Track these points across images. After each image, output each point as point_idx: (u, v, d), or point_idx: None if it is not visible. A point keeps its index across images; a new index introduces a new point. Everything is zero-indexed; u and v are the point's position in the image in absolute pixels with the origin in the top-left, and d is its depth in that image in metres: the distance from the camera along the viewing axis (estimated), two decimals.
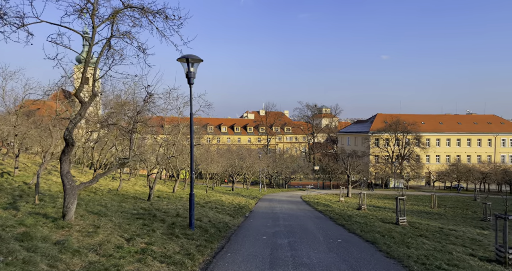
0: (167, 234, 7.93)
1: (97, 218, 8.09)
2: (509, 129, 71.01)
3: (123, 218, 8.79)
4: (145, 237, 7.06)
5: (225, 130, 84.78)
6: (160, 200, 14.96)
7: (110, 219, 8.22)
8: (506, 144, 69.91)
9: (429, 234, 13.32)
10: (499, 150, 69.45)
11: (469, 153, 68.96)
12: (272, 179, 58.26)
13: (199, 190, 28.00)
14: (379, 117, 71.17)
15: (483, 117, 75.65)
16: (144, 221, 8.98)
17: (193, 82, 8.99)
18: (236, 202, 20.15)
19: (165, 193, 20.13)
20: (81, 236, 6.16)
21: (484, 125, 71.52)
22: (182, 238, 7.85)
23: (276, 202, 25.07)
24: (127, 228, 7.63)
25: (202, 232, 8.96)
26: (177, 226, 9.12)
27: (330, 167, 52.59)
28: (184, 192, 23.60)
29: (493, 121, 73.05)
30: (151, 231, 7.85)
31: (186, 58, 8.60)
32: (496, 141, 69.24)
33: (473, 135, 69.12)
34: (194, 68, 8.95)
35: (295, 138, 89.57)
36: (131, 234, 7.10)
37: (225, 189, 38.94)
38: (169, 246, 6.78)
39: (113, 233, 6.90)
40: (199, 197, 19.86)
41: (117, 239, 6.50)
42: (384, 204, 34.22)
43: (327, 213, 16.57)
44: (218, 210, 14.70)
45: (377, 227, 12.66)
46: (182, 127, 16.81)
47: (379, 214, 21.45)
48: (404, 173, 58.60)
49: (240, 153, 38.87)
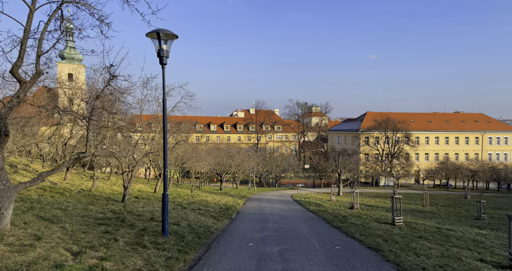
0: (132, 244, 6.52)
1: (45, 225, 6.61)
2: (496, 127, 71.83)
3: (81, 225, 7.32)
4: (100, 250, 5.63)
5: (214, 129, 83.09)
6: (136, 201, 13.48)
7: (62, 226, 6.75)
8: (493, 142, 70.67)
9: (429, 236, 12.32)
10: (486, 148, 70.12)
11: (457, 151, 69.43)
12: (262, 178, 57.02)
13: (184, 189, 26.44)
14: (369, 115, 70.92)
15: (470, 115, 76.38)
16: (108, 227, 7.53)
17: (166, 62, 7.58)
18: (222, 202, 18.77)
19: (146, 193, 18.61)
20: (9, 252, 4.70)
21: (472, 123, 72.18)
22: (150, 248, 6.47)
23: (265, 201, 23.74)
24: (81, 238, 6.18)
25: (177, 240, 7.58)
26: (148, 232, 7.71)
27: (320, 165, 51.72)
28: (168, 192, 22.18)
29: (480, 120, 73.79)
30: (112, 240, 6.42)
31: (156, 32, 7.19)
32: (483, 139, 69.89)
33: (461, 133, 69.61)
34: (167, 45, 7.54)
35: (285, 137, 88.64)
36: (82, 246, 5.67)
37: (213, 188, 37.43)
38: (130, 261, 5.40)
39: (58, 245, 5.45)
40: (182, 197, 18.41)
41: (60, 254, 5.07)
42: (376, 202, 33.40)
43: (320, 214, 15.36)
44: (202, 211, 13.30)
45: (375, 229, 11.54)
46: (161, 122, 15.26)
47: (373, 214, 20.45)
48: (394, 171, 58.31)
49: (228, 151, 37.36)
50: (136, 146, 14.09)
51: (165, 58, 7.53)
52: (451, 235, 12.82)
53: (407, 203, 32.86)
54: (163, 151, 7.69)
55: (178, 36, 7.53)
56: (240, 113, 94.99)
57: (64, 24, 6.51)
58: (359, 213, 19.60)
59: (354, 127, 69.56)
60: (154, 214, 10.42)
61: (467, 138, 69.69)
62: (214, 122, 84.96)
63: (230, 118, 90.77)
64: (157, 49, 7.46)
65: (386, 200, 35.27)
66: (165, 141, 7.70)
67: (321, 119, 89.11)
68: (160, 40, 7.36)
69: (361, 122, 68.77)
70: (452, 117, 75.36)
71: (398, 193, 38.22)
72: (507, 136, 70.44)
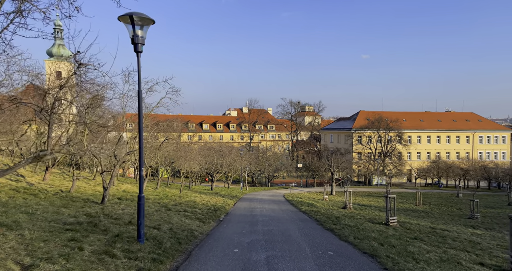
0: (100, 253, 5.78)
1: (1, 232, 5.82)
2: (486, 126, 72.50)
3: (45, 231, 6.53)
4: (58, 262, 4.88)
5: (207, 128, 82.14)
6: (118, 203, 12.65)
7: (21, 234, 5.96)
8: (483, 141, 71.32)
9: (424, 236, 11.82)
10: (477, 146, 70.71)
11: (448, 150, 69.88)
12: (254, 177, 56.35)
13: (173, 189, 25.58)
14: (362, 114, 70.86)
15: (461, 114, 76.97)
16: (76, 233, 6.75)
17: (141, 49, 6.82)
18: (211, 203, 18.00)
19: (132, 193, 17.70)
20: None
21: (463, 122, 72.74)
22: (120, 258, 5.73)
23: (257, 202, 23.05)
24: (39, 248, 5.41)
25: (154, 246, 6.85)
26: (122, 238, 6.95)
27: (313, 164, 51.29)
28: (155, 192, 21.24)
29: (471, 119, 74.41)
30: (76, 249, 5.66)
31: (130, 16, 6.43)
32: (474, 138, 70.46)
33: (452, 132, 70.06)
34: (142, 31, 6.79)
35: (278, 136, 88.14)
36: (38, 258, 4.90)
37: (204, 188, 36.60)
38: None
39: (8, 257, 4.68)
40: (169, 198, 17.57)
41: (7, 268, 4.30)
42: (369, 202, 33.04)
43: (312, 214, 14.73)
44: (187, 213, 12.56)
45: (369, 231, 10.97)
46: (145, 117, 14.43)
47: (366, 214, 19.95)
48: (387, 170, 58.25)
49: (220, 150, 36.54)
50: (119, 144, 13.26)
51: (140, 45, 6.78)
52: (446, 236, 12.33)
53: (400, 202, 32.57)
54: (138, 149, 6.93)
55: (154, 21, 6.78)
56: (233, 112, 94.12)
57: (26, 5, 5.72)
58: (352, 213, 19.08)
59: (347, 126, 69.43)
60: (133, 217, 9.63)
61: (458, 137, 70.18)
62: (207, 121, 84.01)
63: (223, 117, 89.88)
64: (131, 35, 6.70)
65: (379, 199, 34.97)
66: (141, 138, 6.95)
67: (314, 118, 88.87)
68: (134, 25, 6.61)
69: (354, 121, 68.66)
70: (444, 116, 75.83)
71: (391, 192, 37.85)
72: (497, 135, 71.14)
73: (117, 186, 20.58)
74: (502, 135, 71.64)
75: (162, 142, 20.18)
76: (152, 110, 12.41)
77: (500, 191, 47.08)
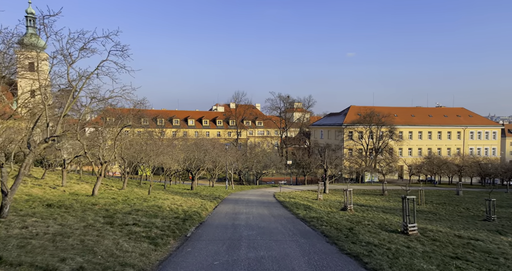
0: None
1: None
2: (477, 121, 71.82)
3: None
4: None
5: (192, 124, 78.42)
6: (29, 216, 8.76)
7: None
8: (474, 136, 70.63)
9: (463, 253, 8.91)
10: (468, 142, 69.91)
11: (439, 145, 68.83)
12: (241, 175, 53.25)
13: (144, 189, 22.10)
14: (352, 109, 68.86)
15: (452, 110, 76.11)
16: None
17: None
18: (184, 207, 14.46)
19: (79, 197, 14.02)
20: None
21: (454, 118, 71.82)
22: None
23: (243, 204, 19.87)
24: None
25: None
26: None
27: (304, 161, 48.60)
28: (117, 194, 17.36)
29: (462, 114, 73.62)
30: None
31: None
32: (465, 134, 69.61)
33: (443, 127, 69.02)
34: None
35: (267, 132, 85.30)
36: None
37: (183, 187, 33.17)
38: None
39: None
40: (128, 203, 13.84)
41: None
42: (366, 201, 30.53)
43: (315, 224, 11.36)
44: (137, 228, 8.96)
45: (403, 253, 7.90)
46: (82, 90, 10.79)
47: (371, 217, 17.18)
48: (379, 167, 56.27)
49: (201, 145, 33.08)
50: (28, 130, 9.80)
51: None
52: (487, 251, 9.61)
53: (400, 202, 30.18)
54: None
55: None
56: (219, 107, 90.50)
57: None
58: (356, 216, 16.30)
59: (338, 121, 67.29)
60: None
61: (450, 132, 69.20)
62: (192, 116, 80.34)
63: (209, 113, 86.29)
64: None
65: (376, 198, 32.55)
66: None
67: (304, 114, 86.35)
68: None
69: (344, 116, 66.60)
70: (435, 111, 74.75)
71: (386, 189, 34.25)
72: (488, 130, 70.49)
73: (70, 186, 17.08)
74: (492, 131, 71.09)
75: (119, 131, 16.66)
76: (89, 77, 8.92)
77: (496, 188, 45.57)
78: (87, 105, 12.24)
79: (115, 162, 36.73)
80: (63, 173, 17.06)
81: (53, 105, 15.40)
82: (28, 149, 7.66)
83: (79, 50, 8.36)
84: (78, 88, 8.76)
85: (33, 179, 17.96)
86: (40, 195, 12.83)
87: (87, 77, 8.85)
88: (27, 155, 7.49)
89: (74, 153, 19.62)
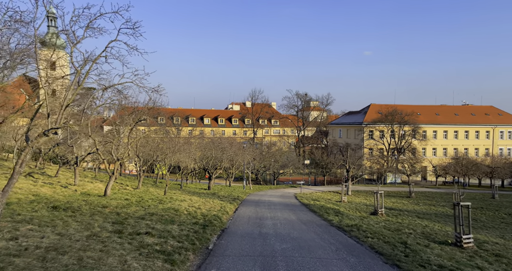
0: None
1: None
2: (507, 120, 67.64)
3: None
4: None
5: (208, 122, 77.90)
6: (27, 221, 7.63)
7: None
8: (504, 136, 66.61)
9: None
10: (497, 142, 65.96)
11: (466, 145, 65.22)
12: (258, 174, 51.87)
13: (160, 189, 21.01)
14: (373, 107, 66.27)
15: (480, 108, 72.01)
16: None
17: None
18: (203, 210, 13.21)
19: (90, 197, 12.97)
20: None
21: (482, 116, 67.90)
22: None
23: (265, 206, 18.45)
24: None
25: None
26: None
27: (323, 160, 46.69)
28: (131, 194, 16.20)
29: (491, 113, 69.52)
30: None
31: None
32: (494, 133, 65.65)
33: (470, 126, 65.36)
34: None
35: (283, 131, 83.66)
36: None
37: (201, 186, 32.13)
38: None
39: None
40: (141, 205, 12.53)
41: None
42: (394, 204, 28.47)
43: (356, 234, 9.89)
44: (150, 239, 7.39)
45: None
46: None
47: (407, 223, 15.44)
48: (402, 167, 53.59)
49: (219, 143, 31.89)
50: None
51: None
52: None
53: (431, 205, 28.04)
54: None
55: None
56: (235, 106, 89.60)
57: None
58: (391, 222, 14.61)
59: (358, 120, 64.91)
60: None
61: (477, 132, 65.45)
62: (208, 115, 79.78)
63: (225, 111, 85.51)
64: None
65: (403, 201, 30.45)
66: None
67: (322, 112, 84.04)
68: None
69: (364, 115, 64.17)
70: (461, 109, 70.93)
71: (413, 191, 31.77)
72: None
73: (82, 185, 16.15)
74: None
75: (133, 125, 15.50)
76: (96, 61, 7.70)
77: None
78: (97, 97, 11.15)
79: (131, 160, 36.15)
80: (75, 171, 16.22)
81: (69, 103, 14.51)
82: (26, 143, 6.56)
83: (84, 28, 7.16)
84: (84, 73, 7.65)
85: (46, 177, 17.22)
86: (49, 195, 11.88)
87: (93, 61, 7.67)
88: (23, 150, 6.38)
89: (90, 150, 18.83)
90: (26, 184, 13.32)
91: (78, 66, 7.69)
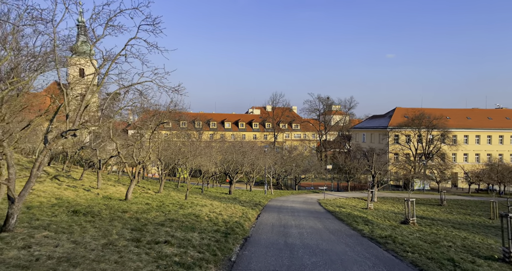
0: None
1: None
2: None
3: None
4: None
5: (228, 126, 78.09)
6: (43, 226, 7.38)
7: None
8: None
9: None
10: None
11: (501, 151, 61.33)
12: (279, 179, 51.02)
13: (181, 193, 20.81)
14: (398, 111, 63.85)
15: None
16: None
17: None
18: (224, 217, 12.74)
19: (112, 201, 12.80)
20: None
21: None
22: None
23: (288, 213, 17.75)
24: None
25: None
26: None
27: (347, 166, 45.20)
28: (152, 198, 15.89)
29: None
30: None
31: None
32: None
33: (506, 131, 61.53)
34: None
35: (304, 135, 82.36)
36: None
37: (221, 190, 31.81)
38: None
39: None
40: (162, 210, 12.29)
41: None
42: (424, 212, 26.84)
43: (393, 247, 9.03)
44: (170, 248, 6.99)
45: None
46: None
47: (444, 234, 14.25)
48: (431, 173, 50.93)
49: (240, 146, 31.53)
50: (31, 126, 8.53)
51: None
52: None
53: (465, 214, 26.20)
54: None
55: None
56: (255, 110, 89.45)
57: None
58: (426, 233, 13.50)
59: (382, 124, 62.74)
60: None
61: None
62: (229, 119, 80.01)
63: (245, 115, 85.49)
64: None
65: (434, 209, 28.66)
66: None
67: (344, 116, 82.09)
68: None
69: (389, 119, 61.90)
70: (495, 113, 66.97)
71: (445, 199, 29.58)
72: None
73: (105, 188, 16.13)
74: None
75: (154, 128, 15.35)
76: (115, 59, 7.42)
77: None
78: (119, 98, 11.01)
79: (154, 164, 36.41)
80: (98, 175, 16.27)
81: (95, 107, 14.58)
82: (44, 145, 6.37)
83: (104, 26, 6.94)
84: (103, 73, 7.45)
85: (71, 180, 17.42)
86: (71, 198, 11.85)
87: (113, 60, 7.45)
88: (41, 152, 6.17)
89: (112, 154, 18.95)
90: (51, 187, 13.42)
91: (97, 66, 7.48)
